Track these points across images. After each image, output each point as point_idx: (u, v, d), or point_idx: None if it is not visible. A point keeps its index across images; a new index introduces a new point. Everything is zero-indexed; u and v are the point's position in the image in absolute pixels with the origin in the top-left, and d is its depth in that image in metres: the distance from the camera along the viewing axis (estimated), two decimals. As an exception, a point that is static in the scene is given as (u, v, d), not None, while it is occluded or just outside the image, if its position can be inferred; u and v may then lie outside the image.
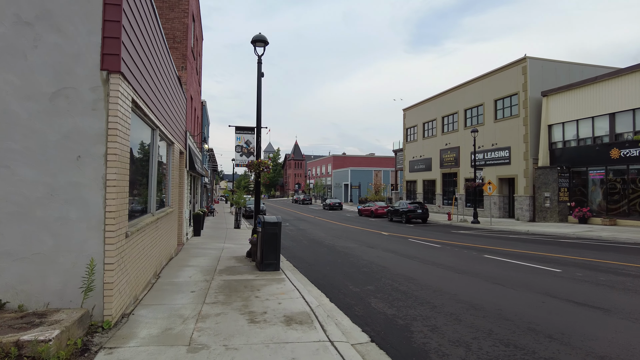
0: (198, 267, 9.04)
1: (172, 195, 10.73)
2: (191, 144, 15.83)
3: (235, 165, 10.62)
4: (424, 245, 14.52)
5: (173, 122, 10.46)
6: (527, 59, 26.08)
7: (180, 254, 11.22)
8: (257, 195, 10.78)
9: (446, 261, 10.75)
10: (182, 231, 13.48)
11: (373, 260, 11.04)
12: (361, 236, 18.30)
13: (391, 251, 12.96)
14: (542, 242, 15.39)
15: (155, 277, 7.69)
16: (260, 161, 10.05)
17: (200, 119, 23.69)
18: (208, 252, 11.70)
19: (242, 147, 10.70)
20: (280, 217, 8.85)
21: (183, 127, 13.38)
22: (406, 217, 26.91)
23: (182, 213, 13.39)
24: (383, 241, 16.07)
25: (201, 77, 22.52)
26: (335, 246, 14.45)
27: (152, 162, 7.68)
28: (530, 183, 25.60)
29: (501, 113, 28.54)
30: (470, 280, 8.22)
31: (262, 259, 8.53)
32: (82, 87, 4.47)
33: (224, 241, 14.94)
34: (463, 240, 15.96)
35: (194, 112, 18.35)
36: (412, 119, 40.96)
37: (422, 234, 19.26)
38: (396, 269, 9.60)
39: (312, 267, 10.04)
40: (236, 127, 10.72)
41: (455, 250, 13.23)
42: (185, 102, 14.17)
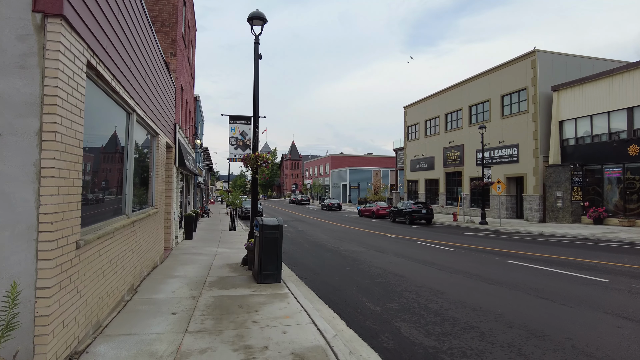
0: (185, 278, 7.68)
1: (157, 194, 9.37)
2: (182, 139, 14.46)
3: (229, 160, 9.28)
4: (437, 249, 13.23)
5: (158, 110, 9.11)
6: (537, 52, 24.89)
7: (167, 261, 9.85)
8: (254, 195, 9.44)
9: (469, 268, 9.46)
10: (170, 235, 12.12)
11: (386, 267, 9.72)
12: (366, 238, 16.99)
13: (403, 256, 11.65)
14: (564, 244, 14.13)
15: (131, 292, 6.34)
16: (258, 155, 8.71)
17: (193, 114, 22.30)
18: (199, 259, 10.34)
19: (237, 139, 9.35)
20: (282, 219, 7.52)
21: (171, 119, 12.02)
22: (410, 218, 25.63)
23: (170, 214, 12.03)
24: (391, 244, 14.76)
25: (194, 68, 21.15)
26: (340, 250, 13.13)
27: (128, 153, 6.33)
28: (540, 182, 24.40)
29: (508, 109, 27.34)
30: (509, 293, 6.92)
31: (261, 268, 7.19)
32: (5, 34, 3.13)
33: (217, 245, 13.57)
34: (477, 243, 14.69)
35: (186, 106, 16.98)
36: (413, 116, 39.73)
37: (431, 236, 17.98)
38: (416, 278, 8.29)
39: (318, 276, 8.70)
40: (230, 116, 9.39)
41: (474, 254, 11.95)
42: (175, 91, 12.82)
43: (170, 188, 11.97)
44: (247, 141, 9.48)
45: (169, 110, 11.35)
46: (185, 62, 16.05)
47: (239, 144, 9.42)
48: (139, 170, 7.81)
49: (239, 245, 13.53)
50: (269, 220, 7.46)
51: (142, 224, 7.33)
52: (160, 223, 9.86)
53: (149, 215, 8.06)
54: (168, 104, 11.04)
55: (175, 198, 13.07)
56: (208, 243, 14.12)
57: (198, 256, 10.84)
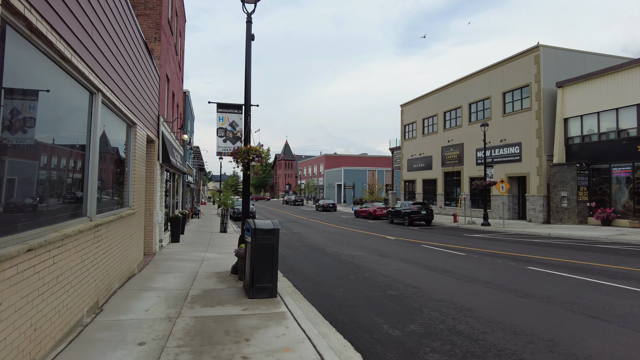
0: (164, 292, 6.51)
1: (135, 193, 8.20)
2: (167, 134, 13.27)
3: (218, 155, 8.12)
4: (445, 254, 12.18)
5: (135, 97, 7.94)
6: (541, 47, 24.02)
7: (147, 269, 8.67)
8: (246, 194, 8.30)
9: (488, 276, 8.41)
10: (153, 238, 10.93)
11: (395, 275, 8.63)
12: (365, 241, 15.91)
13: (410, 262, 10.58)
14: (579, 247, 13.17)
15: (94, 311, 5.17)
16: (250, 148, 7.58)
17: (182, 110, 21.06)
18: (183, 266, 9.17)
19: (226, 130, 8.20)
20: (277, 222, 6.39)
21: (154, 111, 10.84)
22: (409, 219, 24.61)
23: (152, 216, 10.84)
24: (393, 248, 13.69)
25: (183, 60, 19.92)
26: (340, 255, 12.03)
27: (91, 142, 5.17)
28: (544, 182, 23.51)
29: (510, 106, 26.46)
30: (549, 310, 5.87)
31: (253, 280, 6.06)
32: None
33: (205, 249, 12.39)
34: (485, 246, 13.67)
35: (173, 98, 15.78)
36: (410, 115, 38.78)
37: (433, 238, 16.95)
38: (432, 290, 7.21)
39: (319, 287, 7.58)
40: (218, 104, 8.20)
41: (486, 259, 10.92)
42: (159, 80, 11.63)
43: (152, 187, 10.78)
44: (237, 133, 8.33)
45: (151, 100, 10.17)
46: (172, 51, 14.85)
47: (228, 135, 8.26)
48: (109, 165, 6.64)
49: (229, 249, 12.37)
50: (263, 223, 6.32)
51: (112, 227, 6.16)
52: (138, 226, 8.68)
53: (122, 218, 6.89)
54: (150, 93, 9.87)
55: (158, 198, 11.87)
56: (195, 247, 12.93)
57: (183, 263, 9.66)
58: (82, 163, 5.04)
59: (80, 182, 4.99)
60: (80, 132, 5.04)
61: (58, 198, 4.41)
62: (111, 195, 6.91)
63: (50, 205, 4.10)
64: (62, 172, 4.51)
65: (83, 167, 5.04)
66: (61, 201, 4.48)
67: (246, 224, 6.60)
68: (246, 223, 6.60)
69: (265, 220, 6.49)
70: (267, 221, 6.46)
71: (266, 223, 6.35)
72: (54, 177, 4.27)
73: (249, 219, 6.52)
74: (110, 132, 6.73)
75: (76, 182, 4.90)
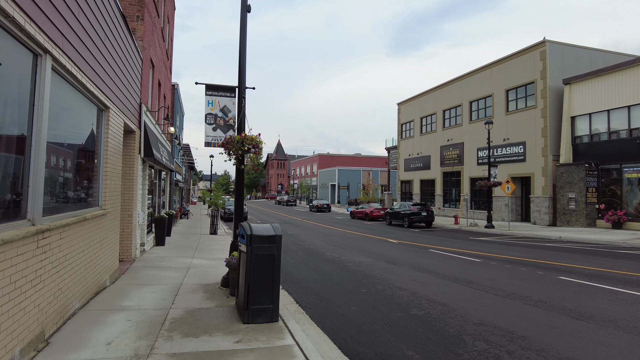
0: (137, 313, 5.23)
1: (108, 190, 6.89)
2: (151, 126, 11.93)
3: (206, 146, 6.84)
4: (458, 260, 11.03)
5: (108, 74, 6.64)
6: (547, 42, 23.08)
7: (122, 280, 7.35)
8: (239, 193, 7.04)
9: (521, 289, 7.25)
10: (132, 242, 9.60)
11: (413, 288, 7.43)
12: (367, 245, 14.72)
13: (424, 270, 9.40)
14: (602, 253, 12.12)
15: (34, 348, 3.87)
16: (245, 136, 6.32)
17: (170, 103, 19.68)
18: (165, 276, 7.86)
19: (216, 116, 6.91)
20: (279, 227, 5.15)
21: (135, 97, 9.52)
22: (409, 221, 23.49)
23: (132, 217, 9.52)
24: (400, 253, 12.52)
25: (172, 50, 18.55)
26: (343, 261, 10.81)
27: (34, 119, 3.89)
28: (550, 182, 22.56)
29: (514, 104, 25.50)
30: (623, 339, 4.71)
31: (249, 300, 4.80)
32: None
33: (193, 254, 11.08)
34: (498, 251, 12.56)
35: (159, 88, 14.43)
36: (407, 113, 37.73)
37: (439, 242, 15.82)
38: (465, 307, 6.03)
39: (328, 305, 6.34)
40: (207, 86, 6.92)
41: (507, 267, 9.79)
42: (141, 63, 10.30)
43: (131, 184, 9.45)
44: (229, 120, 7.04)
45: (131, 85, 8.85)
46: (158, 36, 13.50)
47: (218, 123, 6.97)
48: (71, 155, 5.34)
49: (219, 254, 11.07)
50: (261, 228, 5.07)
51: (70, 233, 4.86)
52: (112, 229, 7.36)
53: (87, 220, 5.58)
54: (129, 76, 8.55)
55: (139, 196, 10.54)
56: (182, 251, 11.61)
57: (165, 271, 8.35)
58: (23, 150, 3.75)
59: (20, 174, 3.71)
60: (22, 108, 3.75)
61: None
62: (74, 193, 5.61)
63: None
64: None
65: (24, 156, 3.75)
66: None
67: (240, 228, 5.34)
68: (240, 227, 5.35)
69: (263, 225, 5.23)
70: (265, 225, 5.21)
71: (265, 228, 5.09)
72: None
73: (243, 223, 5.26)
74: (73, 115, 5.43)
75: (13, 174, 3.61)
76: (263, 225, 5.17)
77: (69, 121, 5.27)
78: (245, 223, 5.20)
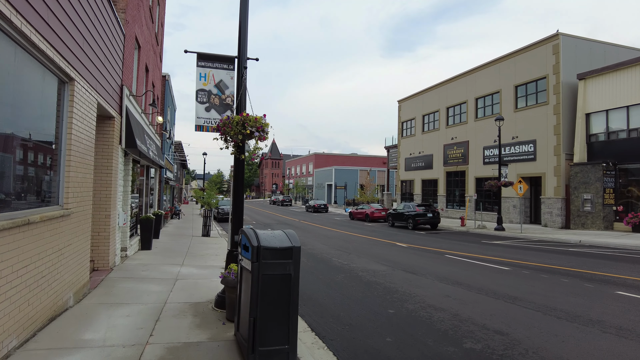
0: (99, 354, 3.81)
1: (71, 185, 5.46)
2: (136, 114, 10.48)
3: (197, 130, 5.43)
4: (483, 268, 9.72)
5: (75, 39, 5.21)
6: (560, 35, 21.91)
7: (91, 297, 5.92)
8: (239, 190, 5.64)
9: (584, 310, 5.94)
10: (110, 247, 8.14)
11: (452, 308, 6.07)
12: (375, 249, 13.38)
13: (453, 281, 8.06)
14: (639, 261, 10.89)
15: None
16: (247, 116, 4.92)
17: (160, 94, 18.19)
18: (147, 291, 6.44)
19: (210, 93, 5.49)
20: (295, 235, 3.78)
21: (115, 77, 8.08)
22: (414, 223, 22.18)
23: (110, 217, 8.07)
24: (415, 259, 11.19)
25: (162, 35, 17.07)
26: (355, 270, 9.44)
27: None
28: (563, 182, 21.39)
29: (523, 101, 24.31)
30: None
31: (255, 338, 3.41)
32: None
33: (182, 260, 9.64)
34: (522, 257, 11.28)
35: (147, 75, 12.96)
36: (409, 111, 36.47)
37: (452, 246, 14.52)
38: (531, 338, 4.69)
39: (354, 334, 4.95)
40: (199, 55, 5.51)
41: (544, 277, 8.49)
42: (123, 39, 8.85)
43: (109, 178, 8.00)
44: (226, 98, 5.63)
45: (108, 59, 7.41)
46: (146, 14, 12.02)
47: (213, 101, 5.56)
48: (10, 138, 3.92)
49: (213, 260, 9.65)
50: (272, 237, 3.68)
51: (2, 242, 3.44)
52: (79, 233, 5.93)
53: (33, 224, 4.16)
54: (105, 47, 7.11)
55: (120, 194, 9.09)
56: (170, 257, 10.16)
57: (147, 284, 6.91)
58: None
59: None
60: None
61: None
62: (19, 187, 4.19)
63: None
64: None
65: None
66: None
67: (242, 236, 3.95)
68: (242, 235, 3.95)
69: (274, 232, 3.85)
70: (277, 233, 3.82)
71: (277, 237, 3.70)
72: None
73: (246, 229, 3.86)
74: (20, 85, 4.00)
75: None
76: (274, 233, 3.78)
77: (12, 93, 3.86)
78: (249, 229, 3.81)
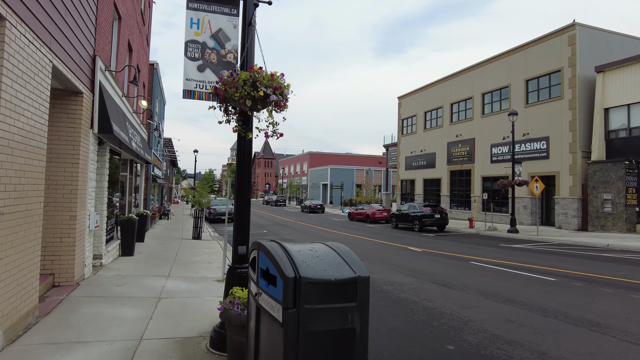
0: None
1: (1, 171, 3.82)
2: (114, 94, 8.80)
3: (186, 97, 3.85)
4: (524, 278, 8.24)
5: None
6: (577, 26, 20.63)
7: (34, 333, 4.27)
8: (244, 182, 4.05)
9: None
10: (76, 257, 6.47)
11: (529, 342, 4.56)
12: (389, 255, 11.87)
13: (501, 298, 6.56)
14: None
15: None
16: (258, 72, 3.32)
17: (146, 80, 16.46)
18: (117, 318, 4.80)
19: (204, 46, 3.89)
20: (352, 255, 2.23)
21: (83, 40, 6.42)
22: (420, 224, 20.72)
23: (77, 219, 6.41)
24: (438, 268, 9.69)
25: (150, 17, 15.36)
26: (377, 282, 7.87)
27: None
28: (579, 182, 20.09)
29: (534, 96, 23.01)
30: None
31: None
32: None
33: (168, 270, 7.99)
34: (557, 264, 9.84)
35: (130, 54, 11.28)
36: (409, 107, 35.05)
37: (470, 250, 13.07)
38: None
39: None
40: (190, -8, 3.97)
41: (606, 292, 7.03)
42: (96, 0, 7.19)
43: (75, 170, 6.34)
44: (227, 54, 4.03)
45: (71, 14, 5.76)
46: (127, -17, 10.34)
47: (209, 58, 3.96)
48: None
49: (206, 270, 8.01)
50: (314, 258, 2.10)
51: None
52: (19, 242, 4.28)
53: None
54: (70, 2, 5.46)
55: (92, 190, 7.42)
56: (155, 265, 8.50)
57: (120, 307, 5.27)
58: None
59: None
60: None
61: None
62: None
63: None
64: None
65: None
66: None
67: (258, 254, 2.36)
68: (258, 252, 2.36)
69: (314, 247, 2.27)
70: (320, 249, 2.24)
71: (323, 257, 2.12)
72: None
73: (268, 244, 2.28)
74: None
75: None
76: (315, 249, 2.20)
77: None
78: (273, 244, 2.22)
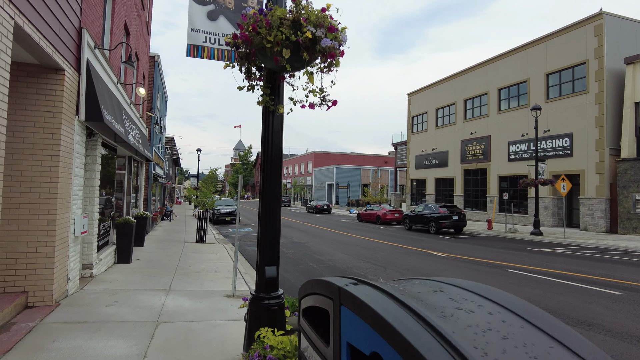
0: None
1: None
2: (103, 74, 7.65)
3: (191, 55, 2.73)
4: (583, 291, 7.06)
5: None
6: (604, 15, 19.39)
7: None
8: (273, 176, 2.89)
9: None
10: (57, 269, 5.34)
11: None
12: (410, 260, 10.70)
13: (576, 320, 5.37)
14: None
15: None
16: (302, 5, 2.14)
17: (146, 71, 15.33)
18: (99, 355, 3.61)
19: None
20: (564, 327, 1.07)
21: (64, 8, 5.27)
22: (437, 226, 19.53)
23: (57, 224, 5.25)
24: (473, 276, 8.50)
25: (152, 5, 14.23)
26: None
27: None
28: (607, 181, 18.84)
29: (556, 90, 21.76)
30: None
31: None
32: None
33: (169, 281, 6.82)
34: (606, 272, 8.64)
35: (127, 38, 10.13)
36: (420, 104, 33.84)
37: (499, 255, 11.87)
38: None
39: None
40: None
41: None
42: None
43: (55, 164, 5.18)
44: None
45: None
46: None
47: (224, 2, 2.82)
48: None
49: (212, 281, 6.83)
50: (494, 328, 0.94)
51: None
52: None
53: None
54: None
55: (77, 188, 6.26)
56: (154, 275, 7.33)
57: (105, 340, 4.10)
58: None
59: None
60: None
61: None
62: None
63: None
64: None
65: None
66: None
67: (340, 309, 1.20)
68: (341, 306, 1.20)
69: (459, 293, 1.11)
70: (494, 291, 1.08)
71: (506, 328, 0.96)
72: None
73: (364, 290, 1.11)
74: None
75: None
76: (473, 310, 1.03)
77: None
78: (379, 295, 1.05)
